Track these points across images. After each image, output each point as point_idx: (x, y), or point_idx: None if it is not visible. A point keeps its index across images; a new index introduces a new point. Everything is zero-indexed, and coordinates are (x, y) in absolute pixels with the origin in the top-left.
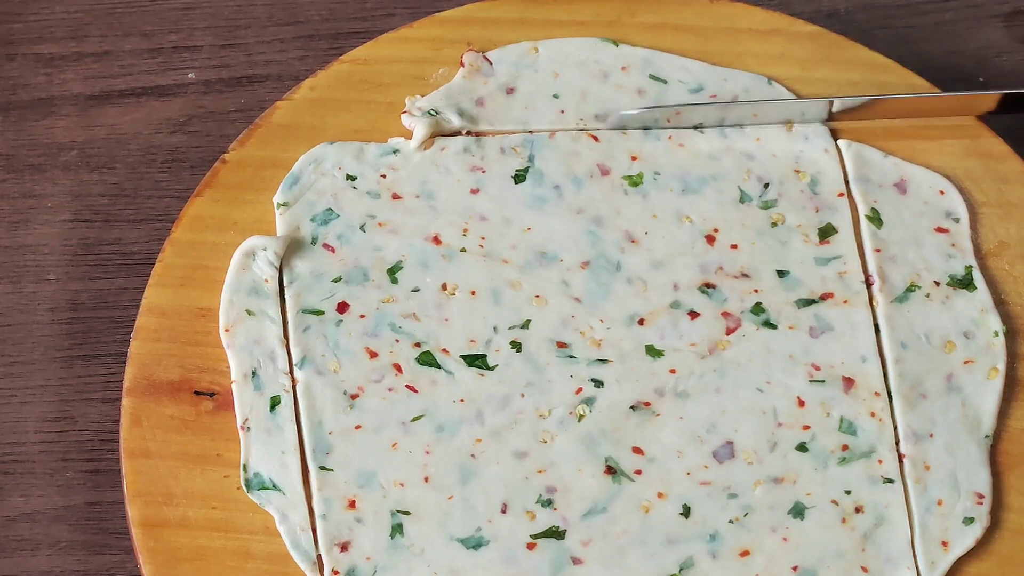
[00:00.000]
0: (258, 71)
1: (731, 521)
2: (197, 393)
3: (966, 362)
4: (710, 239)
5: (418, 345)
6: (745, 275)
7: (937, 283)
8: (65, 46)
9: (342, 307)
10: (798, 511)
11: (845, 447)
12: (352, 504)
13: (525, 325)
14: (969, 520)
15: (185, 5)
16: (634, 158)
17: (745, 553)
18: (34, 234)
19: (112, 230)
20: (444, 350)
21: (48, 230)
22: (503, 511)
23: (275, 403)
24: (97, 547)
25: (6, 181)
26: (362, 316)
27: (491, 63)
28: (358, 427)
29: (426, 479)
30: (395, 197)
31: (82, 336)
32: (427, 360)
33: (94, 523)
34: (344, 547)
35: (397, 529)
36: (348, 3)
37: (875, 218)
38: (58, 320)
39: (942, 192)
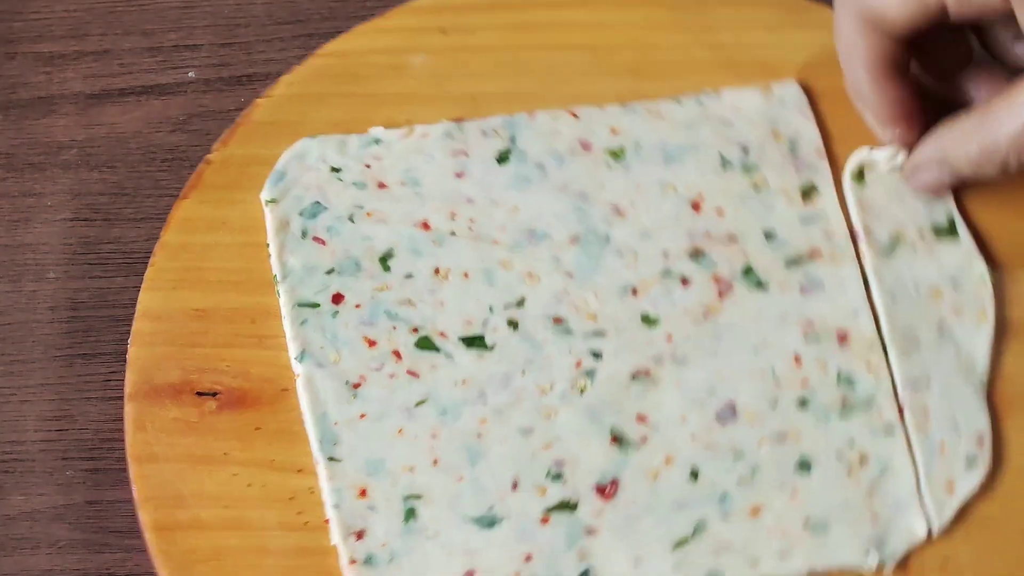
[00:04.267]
0: (258, 70)
1: (739, 481)
2: (199, 394)
3: (955, 309)
4: (695, 206)
5: (415, 330)
6: (733, 239)
7: (921, 234)
8: (65, 45)
9: (337, 298)
10: (804, 466)
11: (845, 400)
12: (363, 493)
13: (520, 303)
14: (972, 461)
15: (185, 4)
16: (614, 131)
17: (756, 511)
18: (34, 233)
19: (112, 229)
20: (442, 334)
21: (48, 229)
22: (513, 488)
23: None
24: (97, 546)
25: (6, 180)
26: (357, 306)
27: None
28: (363, 416)
29: (435, 462)
30: (381, 186)
31: (82, 335)
32: (426, 344)
33: (94, 522)
34: (359, 535)
35: (410, 514)
36: (348, 1)
37: (857, 174)
38: (58, 319)
39: None
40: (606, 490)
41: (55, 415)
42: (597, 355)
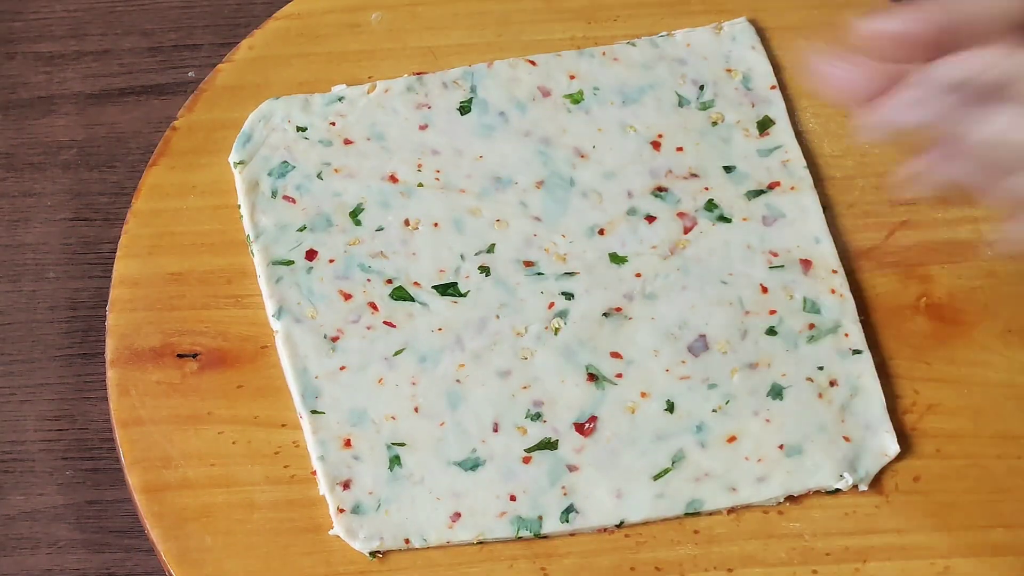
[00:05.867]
0: None
1: (714, 410)
2: (180, 356)
3: None
4: (656, 145)
5: (390, 282)
6: (694, 175)
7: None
8: (65, 44)
9: (310, 254)
10: (776, 392)
11: (812, 326)
12: (348, 443)
13: (490, 249)
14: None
15: (185, 3)
16: (572, 77)
17: (732, 439)
18: (34, 233)
19: (112, 229)
20: (415, 283)
21: (48, 229)
22: (495, 430)
23: None
24: (97, 546)
25: (6, 179)
26: (331, 261)
27: None
28: (343, 368)
29: (416, 409)
30: (347, 142)
31: (82, 335)
32: (400, 295)
33: (94, 522)
34: (346, 485)
35: (395, 461)
36: None
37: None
38: (58, 319)
39: None
40: (585, 427)
41: (55, 415)
42: (569, 295)
